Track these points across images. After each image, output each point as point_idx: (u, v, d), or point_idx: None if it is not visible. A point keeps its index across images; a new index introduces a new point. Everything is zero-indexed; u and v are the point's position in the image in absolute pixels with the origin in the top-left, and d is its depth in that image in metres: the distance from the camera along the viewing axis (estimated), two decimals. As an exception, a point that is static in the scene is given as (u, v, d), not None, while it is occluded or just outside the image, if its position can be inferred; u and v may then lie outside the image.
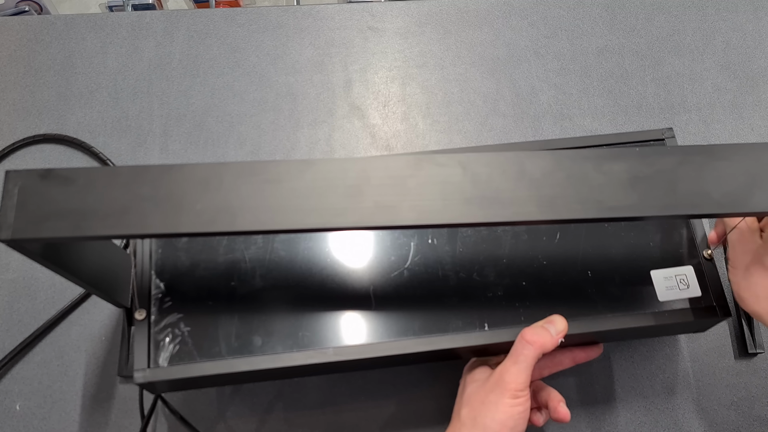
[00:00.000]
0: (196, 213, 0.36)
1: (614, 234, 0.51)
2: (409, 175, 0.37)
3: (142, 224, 0.35)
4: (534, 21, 0.77)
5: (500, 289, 0.49)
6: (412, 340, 0.47)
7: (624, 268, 0.50)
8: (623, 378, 0.59)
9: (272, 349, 0.46)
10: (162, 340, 0.46)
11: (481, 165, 0.37)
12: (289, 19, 0.76)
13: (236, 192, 0.36)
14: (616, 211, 0.36)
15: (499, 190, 0.36)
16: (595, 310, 0.48)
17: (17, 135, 0.68)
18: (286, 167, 0.37)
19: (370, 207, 0.36)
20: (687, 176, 0.37)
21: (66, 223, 0.35)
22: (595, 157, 0.37)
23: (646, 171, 0.37)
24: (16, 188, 0.36)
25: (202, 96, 0.71)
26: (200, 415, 0.57)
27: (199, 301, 0.47)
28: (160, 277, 0.48)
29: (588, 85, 0.73)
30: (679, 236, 0.51)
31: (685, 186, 0.37)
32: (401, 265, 0.50)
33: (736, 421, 0.58)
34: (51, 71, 0.72)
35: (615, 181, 0.37)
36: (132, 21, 0.76)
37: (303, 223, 0.36)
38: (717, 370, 0.60)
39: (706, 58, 0.75)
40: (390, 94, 0.72)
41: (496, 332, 0.48)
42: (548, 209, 0.36)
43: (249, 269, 0.49)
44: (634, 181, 0.37)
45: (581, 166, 0.37)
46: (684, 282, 0.50)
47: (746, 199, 0.37)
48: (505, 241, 0.50)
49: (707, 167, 0.37)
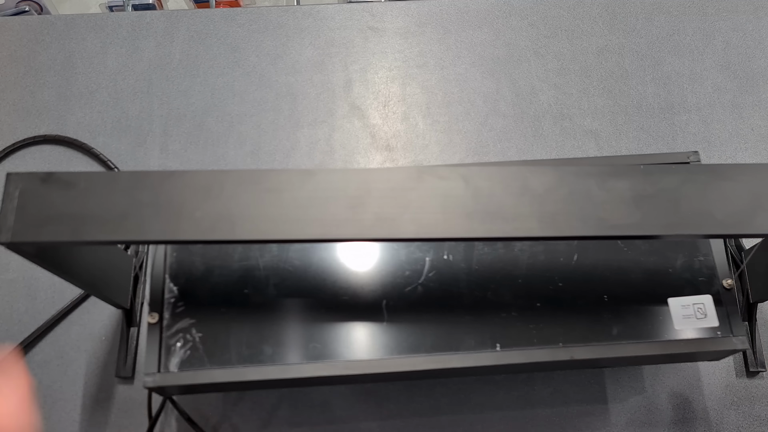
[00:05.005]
0: (196, 220, 0.35)
1: (633, 259, 0.50)
2: (411, 188, 0.36)
3: (141, 230, 0.35)
4: (534, 21, 0.77)
5: (514, 309, 0.48)
6: (423, 357, 0.46)
7: (641, 294, 0.49)
8: (618, 381, 0.59)
9: (282, 359, 0.46)
10: (173, 344, 0.46)
11: (484, 179, 0.37)
12: (289, 19, 0.76)
13: (236, 200, 0.36)
14: (618, 229, 0.36)
15: (501, 205, 0.36)
16: (610, 336, 0.47)
17: (17, 135, 0.68)
18: (287, 177, 0.37)
19: (371, 219, 0.36)
20: (690, 195, 0.37)
21: (65, 228, 0.35)
22: (599, 173, 0.37)
23: (650, 189, 0.37)
24: (17, 191, 0.36)
25: (202, 96, 0.71)
26: (206, 417, 0.57)
27: (211, 308, 0.47)
28: (174, 282, 0.48)
29: (588, 85, 0.73)
30: (699, 264, 0.50)
31: (689, 205, 0.36)
32: (415, 281, 0.49)
33: (736, 421, 0.58)
34: (51, 71, 0.72)
35: (618, 199, 0.36)
36: (132, 21, 0.76)
37: (302, 233, 0.36)
38: (718, 381, 0.60)
39: (706, 58, 0.75)
40: (390, 94, 0.72)
41: (508, 353, 0.46)
42: (549, 225, 0.36)
43: (263, 277, 0.48)
44: (638, 200, 0.36)
45: (584, 182, 0.37)
46: (702, 311, 0.48)
47: (750, 221, 0.36)
48: (521, 260, 0.50)
49: (711, 187, 0.37)
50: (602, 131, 0.70)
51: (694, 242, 0.51)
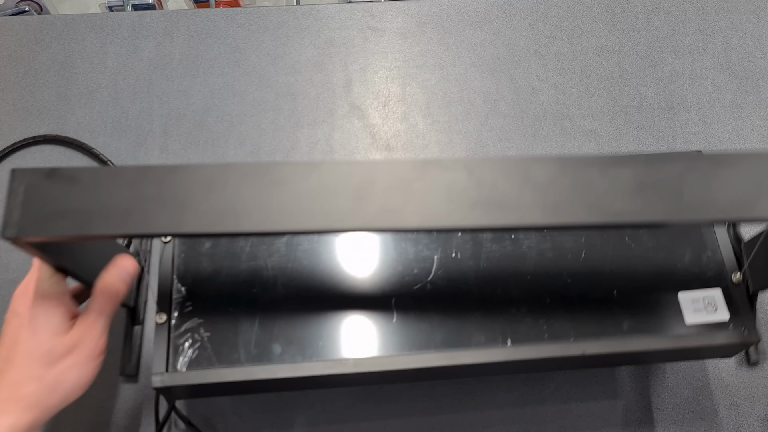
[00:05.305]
0: (201, 213, 0.36)
1: (640, 255, 0.50)
2: (415, 179, 0.37)
3: (147, 224, 0.35)
4: (534, 21, 0.77)
5: (524, 305, 0.48)
6: (433, 353, 0.46)
7: (650, 289, 0.49)
8: (621, 378, 0.59)
9: (292, 358, 0.45)
10: (181, 344, 0.46)
11: (487, 170, 0.37)
12: (289, 19, 0.76)
13: (241, 193, 0.36)
14: (621, 216, 0.36)
15: (505, 195, 0.36)
16: (621, 330, 0.47)
17: (17, 135, 0.68)
18: (291, 169, 0.37)
19: (375, 210, 0.36)
20: (693, 183, 0.37)
21: (71, 222, 0.35)
22: (601, 163, 0.37)
23: (652, 177, 0.37)
24: (22, 187, 0.36)
25: (202, 96, 0.71)
26: (212, 426, 0.57)
27: (219, 307, 0.47)
28: (182, 282, 0.48)
29: (588, 85, 0.73)
30: (707, 259, 0.50)
31: (691, 192, 0.37)
32: (424, 279, 0.49)
33: (736, 421, 0.58)
34: (51, 71, 0.72)
35: (620, 187, 0.36)
36: (132, 21, 0.76)
37: (307, 224, 0.36)
38: (718, 377, 0.60)
39: (706, 58, 0.75)
40: (390, 94, 0.72)
41: (519, 348, 0.46)
42: (553, 214, 0.36)
43: (271, 277, 0.48)
44: (640, 187, 0.36)
45: (587, 172, 0.37)
46: (712, 305, 0.48)
47: (752, 206, 0.37)
48: (529, 257, 0.50)
49: (713, 174, 0.37)
50: (602, 131, 0.70)
51: (700, 238, 0.51)
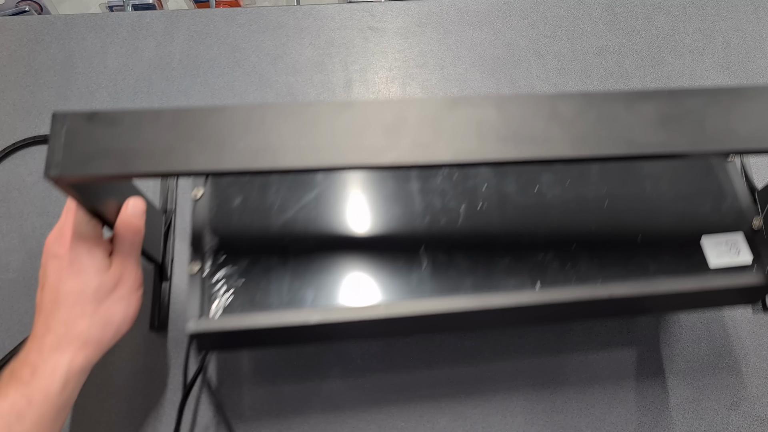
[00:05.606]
0: (239, 151, 0.37)
1: (662, 203, 0.52)
2: (445, 116, 0.38)
3: (187, 162, 0.36)
4: (534, 21, 0.77)
5: (551, 251, 0.49)
6: (464, 297, 0.47)
7: (674, 234, 0.50)
8: (626, 371, 0.59)
9: (324, 303, 0.46)
10: (216, 292, 0.46)
11: (515, 106, 0.38)
12: (289, 19, 0.76)
13: (277, 132, 0.37)
14: (645, 148, 0.37)
15: (533, 129, 0.38)
16: (647, 273, 0.48)
17: (17, 135, 0.68)
18: (325, 108, 0.38)
19: (408, 145, 0.37)
20: (715, 115, 0.38)
21: (113, 161, 0.36)
22: (625, 98, 0.39)
23: (676, 110, 0.38)
24: (63, 129, 0.37)
25: (202, 96, 0.71)
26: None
27: (252, 257, 0.48)
28: (215, 232, 0.49)
29: (588, 85, 0.73)
30: (728, 207, 0.52)
31: (713, 124, 0.38)
32: (452, 228, 0.50)
33: (736, 421, 0.58)
34: (51, 71, 0.72)
35: (645, 120, 0.38)
36: (132, 21, 0.76)
37: (342, 160, 0.37)
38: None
39: (706, 58, 0.75)
40: (390, 94, 0.72)
41: (548, 291, 0.47)
42: (580, 146, 0.37)
43: (302, 228, 0.49)
44: (664, 120, 0.38)
45: (611, 106, 0.38)
46: (735, 247, 0.50)
47: None
48: (554, 207, 0.51)
49: (734, 107, 0.39)
50: (602, 131, 0.70)
51: (720, 186, 0.52)
